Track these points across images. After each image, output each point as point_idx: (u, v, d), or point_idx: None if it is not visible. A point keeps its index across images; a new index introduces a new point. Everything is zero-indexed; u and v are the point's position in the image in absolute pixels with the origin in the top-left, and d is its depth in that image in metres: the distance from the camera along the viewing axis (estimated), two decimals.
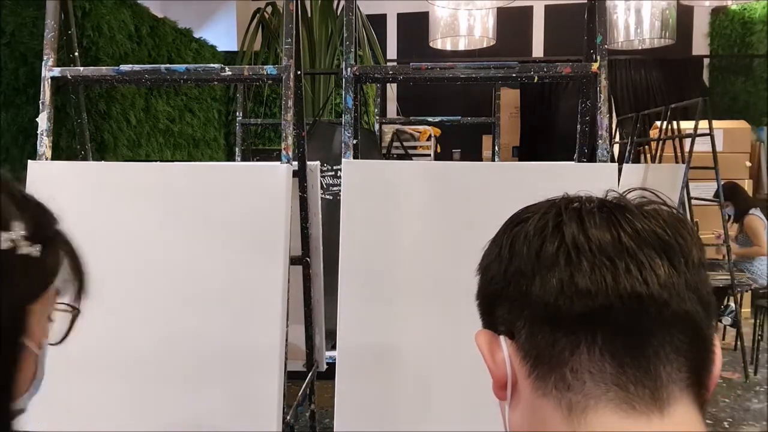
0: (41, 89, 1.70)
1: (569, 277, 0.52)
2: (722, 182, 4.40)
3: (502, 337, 0.57)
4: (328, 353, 2.30)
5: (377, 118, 4.66)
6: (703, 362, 0.53)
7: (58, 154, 1.93)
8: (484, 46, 4.72)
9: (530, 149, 7.02)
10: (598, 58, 1.67)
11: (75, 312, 0.65)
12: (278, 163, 1.60)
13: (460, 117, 4.50)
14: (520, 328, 0.55)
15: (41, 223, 0.63)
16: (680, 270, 0.52)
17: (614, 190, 0.59)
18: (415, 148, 6.13)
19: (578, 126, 1.77)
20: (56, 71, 1.71)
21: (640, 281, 0.51)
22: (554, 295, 0.52)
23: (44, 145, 1.68)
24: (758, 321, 4.37)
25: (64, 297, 0.65)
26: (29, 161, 1.67)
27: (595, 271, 0.52)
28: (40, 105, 1.69)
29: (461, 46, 4.85)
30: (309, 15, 5.53)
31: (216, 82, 1.83)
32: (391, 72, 1.91)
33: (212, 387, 1.56)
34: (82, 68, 1.77)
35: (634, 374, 0.51)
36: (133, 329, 1.59)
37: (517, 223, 0.59)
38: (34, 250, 0.62)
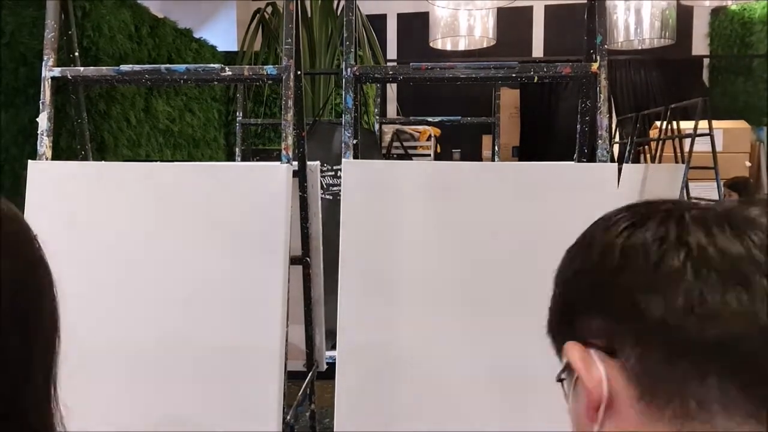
0: (41, 89, 1.70)
1: (699, 295, 0.45)
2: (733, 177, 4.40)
3: (593, 352, 0.51)
4: (328, 353, 2.30)
5: (377, 118, 4.66)
6: None
7: (58, 154, 1.93)
8: (484, 46, 4.72)
9: (530, 149, 7.02)
10: (598, 58, 1.67)
11: None
12: (278, 163, 1.60)
13: (460, 117, 4.49)
14: (626, 347, 0.49)
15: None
16: None
17: (730, 200, 0.52)
18: (415, 148, 6.13)
19: (578, 126, 1.77)
20: (56, 71, 1.71)
21: None
22: (680, 314, 0.46)
23: (44, 145, 1.68)
24: None
25: None
26: (29, 161, 1.67)
27: (729, 290, 0.45)
28: (40, 105, 1.69)
29: (461, 46, 4.85)
30: (309, 15, 5.53)
31: (216, 82, 1.83)
32: (391, 72, 1.91)
33: (212, 387, 1.56)
34: (82, 68, 1.77)
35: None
36: (132, 329, 1.59)
37: (624, 228, 0.52)
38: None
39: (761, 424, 0.44)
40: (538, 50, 7.37)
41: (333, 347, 1.83)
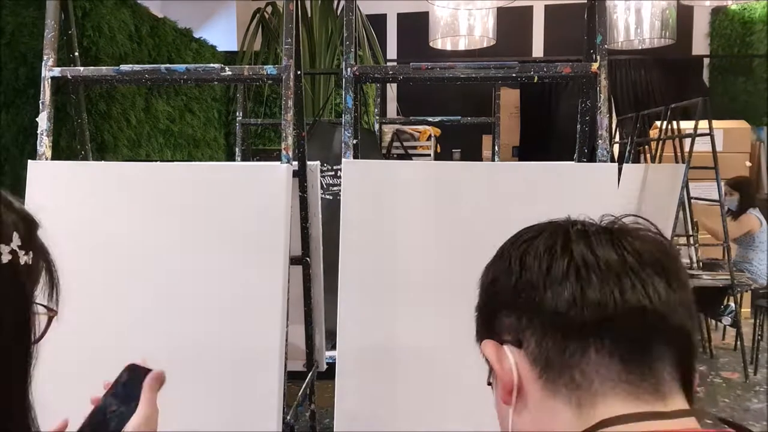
0: (41, 89, 1.70)
1: (581, 290, 0.58)
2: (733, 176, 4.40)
3: (506, 346, 0.62)
4: (328, 353, 2.30)
5: (377, 118, 4.66)
6: (692, 365, 0.61)
7: (58, 154, 1.93)
8: (484, 46, 4.72)
9: (530, 149, 7.02)
10: (598, 58, 1.67)
11: (52, 314, 0.68)
12: (278, 163, 1.60)
13: (460, 117, 4.49)
14: (528, 337, 0.60)
15: (30, 231, 0.65)
16: (674, 288, 0.59)
17: (610, 215, 0.65)
18: (415, 148, 6.12)
19: (578, 126, 1.77)
20: (56, 71, 1.71)
21: (644, 296, 0.57)
22: (566, 306, 0.58)
23: (44, 145, 1.68)
24: (758, 321, 4.37)
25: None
26: (29, 161, 1.67)
27: (605, 286, 0.57)
28: (40, 105, 1.69)
29: (461, 46, 4.85)
30: (309, 15, 5.53)
31: (216, 82, 1.83)
32: (391, 72, 1.91)
33: (212, 387, 1.56)
34: (82, 68, 1.77)
35: (639, 372, 0.57)
36: (132, 328, 1.59)
37: (523, 241, 0.65)
38: (28, 259, 0.64)
39: (631, 384, 0.57)
40: (538, 50, 7.37)
41: (333, 347, 1.83)
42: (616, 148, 5.54)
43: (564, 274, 0.59)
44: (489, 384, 0.67)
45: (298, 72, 1.76)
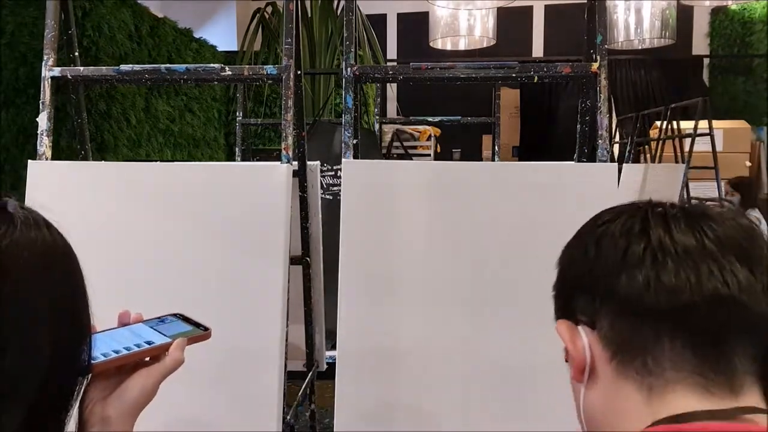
0: (41, 89, 1.70)
1: (656, 275, 0.57)
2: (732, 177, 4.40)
3: (581, 327, 0.63)
4: (328, 353, 2.29)
5: (377, 118, 4.65)
6: None
7: (58, 154, 1.93)
8: (484, 46, 4.72)
9: (530, 149, 7.02)
10: (598, 58, 1.67)
11: None
12: (278, 163, 1.60)
13: (460, 117, 4.49)
14: (602, 319, 0.61)
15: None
16: (758, 276, 0.57)
17: (696, 198, 0.62)
18: (415, 148, 6.12)
19: (578, 126, 1.77)
20: (56, 71, 1.71)
21: (722, 283, 0.56)
22: (640, 290, 0.58)
23: (44, 145, 1.68)
24: None
25: None
26: (29, 161, 1.67)
27: (680, 271, 0.57)
28: (40, 105, 1.69)
29: (461, 46, 4.85)
30: (309, 15, 5.52)
31: (216, 82, 1.83)
32: (391, 72, 1.91)
33: (212, 387, 1.56)
34: (82, 68, 1.77)
35: (712, 365, 0.56)
36: None
37: (602, 223, 0.64)
38: None
39: (703, 377, 0.56)
40: (538, 50, 7.37)
41: (333, 347, 1.83)
42: (616, 148, 5.54)
43: (640, 258, 0.58)
44: (566, 361, 0.67)
45: (298, 72, 1.76)
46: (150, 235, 1.62)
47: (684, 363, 0.57)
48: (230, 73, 1.70)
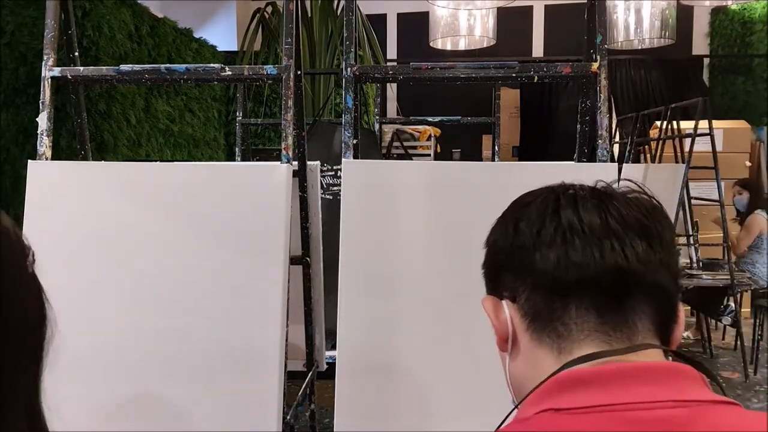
0: (41, 89, 1.70)
1: (565, 253, 0.64)
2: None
3: (504, 301, 0.70)
4: (328, 353, 2.29)
5: (377, 118, 4.65)
6: (669, 321, 0.66)
7: (58, 154, 1.93)
8: (484, 46, 4.72)
9: (530, 149, 7.01)
10: (598, 58, 1.67)
11: None
12: (278, 163, 1.60)
13: (460, 117, 4.49)
14: (521, 293, 0.68)
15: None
16: (656, 249, 0.64)
17: (602, 181, 0.71)
18: (415, 148, 6.12)
19: (578, 126, 1.77)
20: (56, 71, 1.71)
21: (622, 257, 0.63)
22: (552, 267, 0.64)
23: (44, 145, 1.68)
24: (758, 321, 4.37)
25: None
26: (29, 161, 1.67)
27: (587, 248, 0.64)
28: (40, 105, 1.69)
29: (461, 46, 4.85)
30: (309, 15, 5.52)
31: (216, 82, 1.83)
32: (391, 72, 1.91)
33: (212, 387, 1.56)
34: (82, 68, 1.77)
35: (613, 323, 0.64)
36: (132, 329, 1.59)
37: (521, 206, 0.71)
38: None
39: (606, 334, 0.64)
40: (538, 50, 7.37)
41: (333, 347, 1.83)
42: (616, 148, 5.54)
43: (552, 238, 0.65)
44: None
45: (298, 72, 1.76)
46: (149, 235, 1.62)
47: (588, 324, 0.64)
48: (230, 73, 1.70)
